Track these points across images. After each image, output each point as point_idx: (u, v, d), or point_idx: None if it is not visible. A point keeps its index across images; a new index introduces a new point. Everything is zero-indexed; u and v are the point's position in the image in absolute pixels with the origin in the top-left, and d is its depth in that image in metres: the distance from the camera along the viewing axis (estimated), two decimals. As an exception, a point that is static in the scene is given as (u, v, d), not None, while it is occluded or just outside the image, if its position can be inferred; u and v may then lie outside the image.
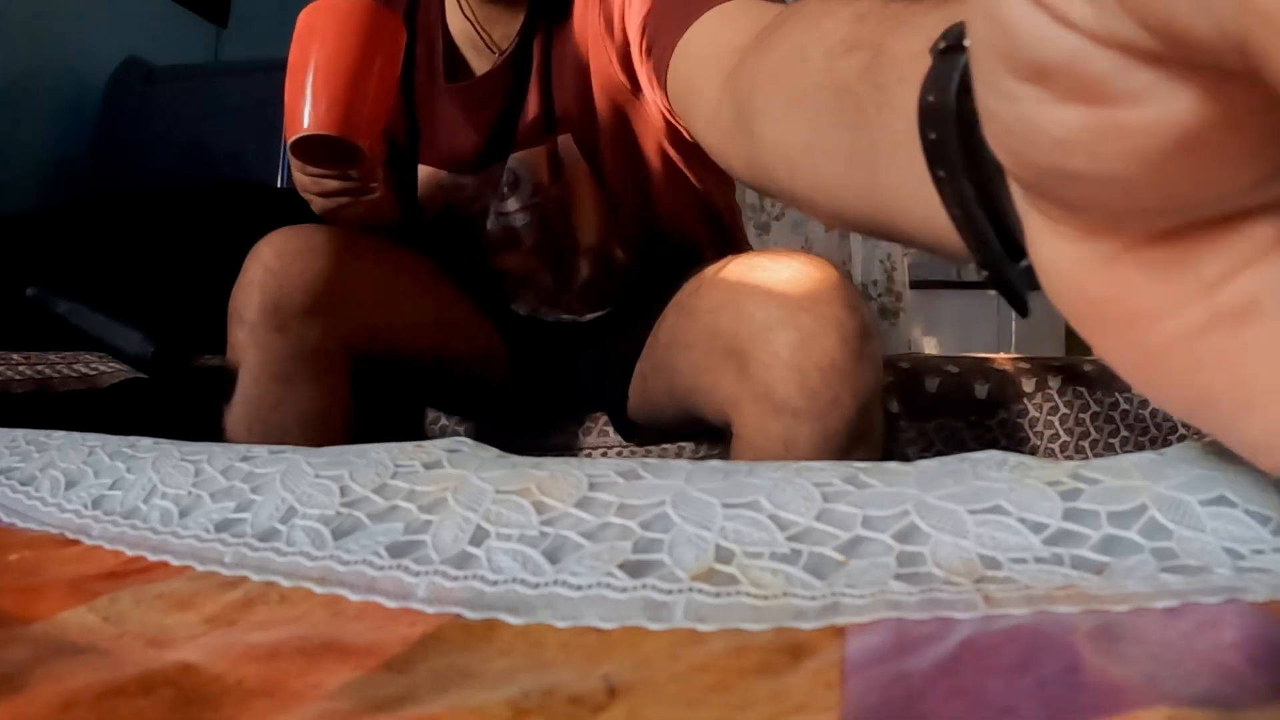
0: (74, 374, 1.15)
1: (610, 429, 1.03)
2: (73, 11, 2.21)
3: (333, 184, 0.81)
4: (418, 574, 0.23)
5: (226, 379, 0.87)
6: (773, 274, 0.72)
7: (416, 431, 1.15)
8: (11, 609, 0.27)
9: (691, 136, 0.65)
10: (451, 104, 0.95)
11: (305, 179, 0.82)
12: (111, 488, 0.36)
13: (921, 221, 0.28)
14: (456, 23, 0.95)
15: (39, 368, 1.13)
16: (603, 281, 0.99)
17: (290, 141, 0.76)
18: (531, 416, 1.08)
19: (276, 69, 2.28)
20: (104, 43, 2.29)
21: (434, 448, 0.30)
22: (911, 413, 1.06)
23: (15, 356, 1.13)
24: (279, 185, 2.05)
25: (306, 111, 0.75)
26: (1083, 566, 0.23)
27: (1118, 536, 0.23)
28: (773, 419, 0.69)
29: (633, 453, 1.01)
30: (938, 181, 0.23)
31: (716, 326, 0.75)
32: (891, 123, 0.29)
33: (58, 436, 0.45)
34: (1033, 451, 1.00)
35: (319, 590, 0.24)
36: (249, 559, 0.27)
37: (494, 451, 0.30)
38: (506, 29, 0.93)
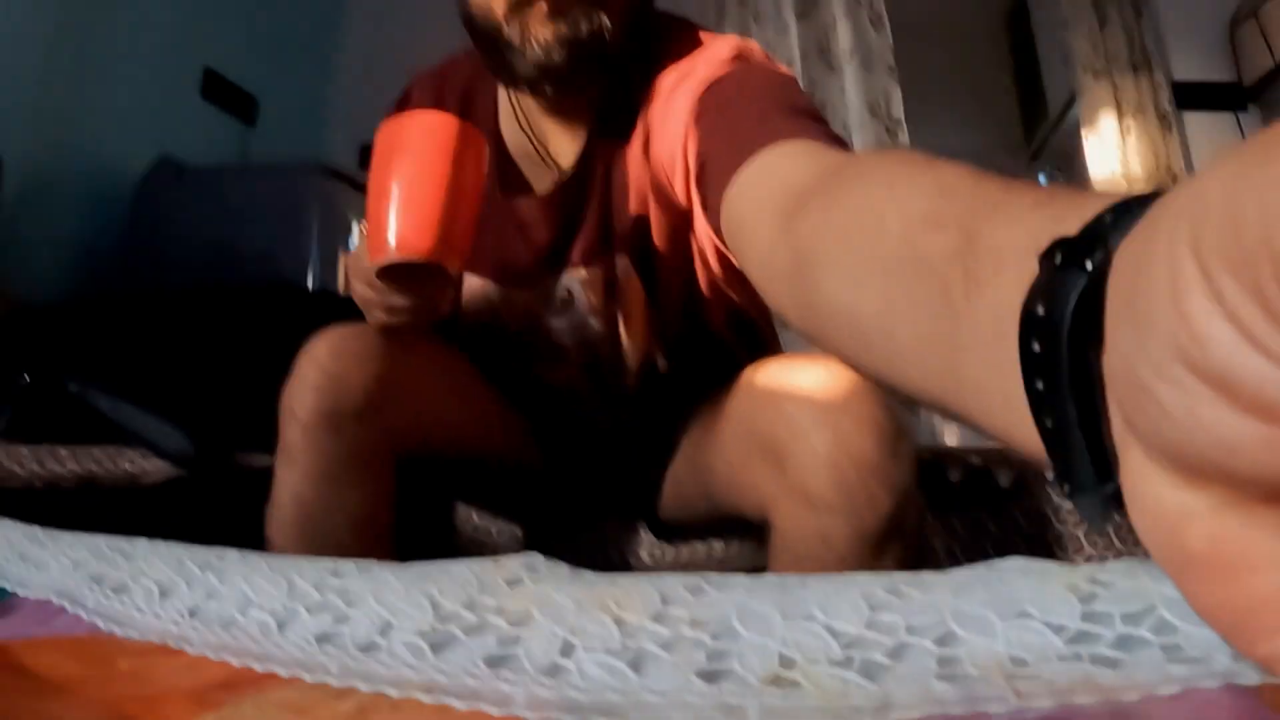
0: (119, 470, 1.19)
1: (642, 528, 1.05)
2: (107, 107, 2.28)
3: (401, 302, 0.81)
4: (515, 684, 0.26)
5: (269, 478, 0.88)
6: (809, 376, 0.74)
7: (448, 528, 1.16)
8: (140, 715, 0.30)
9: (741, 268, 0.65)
10: (505, 217, 0.95)
11: (371, 294, 0.82)
12: (206, 598, 0.39)
13: (1001, 420, 0.27)
14: (511, 133, 0.95)
15: (86, 464, 1.16)
16: (646, 393, 1.00)
17: (377, 266, 0.74)
18: (564, 516, 1.09)
19: (304, 172, 2.32)
20: (136, 138, 2.35)
21: (512, 564, 0.33)
22: (935, 505, 1.07)
23: (62, 451, 1.16)
24: (309, 286, 2.10)
25: (396, 234, 0.72)
26: (1100, 662, 0.26)
27: (1131, 635, 0.26)
28: (810, 515, 0.71)
29: (664, 551, 1.03)
30: (1033, 393, 0.23)
31: (755, 426, 0.78)
32: (980, 313, 0.28)
33: (141, 544, 0.47)
34: (1057, 539, 1.01)
35: (427, 699, 0.27)
36: (354, 670, 0.30)
37: (566, 567, 0.33)
38: (565, 145, 0.93)
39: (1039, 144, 4.60)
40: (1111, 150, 2.61)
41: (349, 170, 2.37)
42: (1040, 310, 0.22)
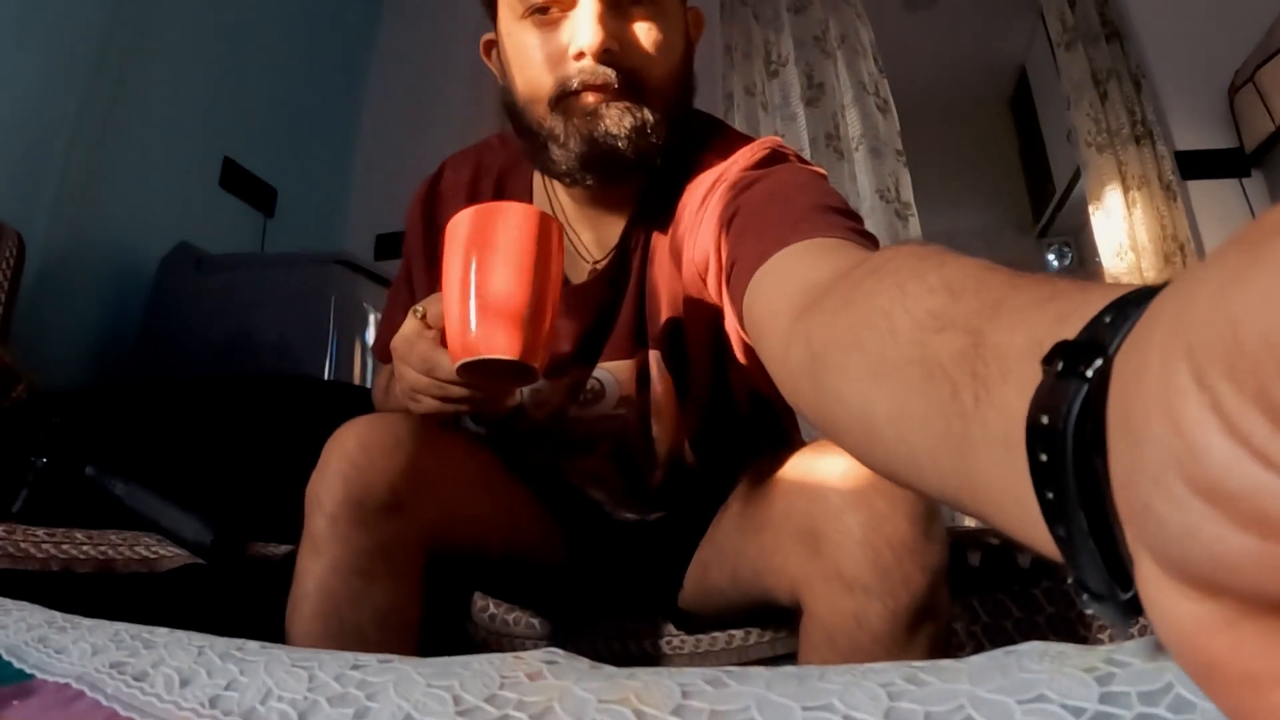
0: (135, 556, 1.18)
1: (661, 619, 1.03)
2: (128, 194, 2.30)
3: (463, 393, 0.77)
4: (538, 778, 0.27)
5: (286, 567, 0.86)
6: (842, 460, 0.74)
7: (465, 619, 1.15)
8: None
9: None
10: None
11: (424, 382, 0.78)
12: (226, 688, 0.39)
13: (1018, 523, 0.26)
14: None
15: (101, 548, 1.15)
16: (672, 484, 0.99)
17: (460, 363, 0.71)
18: (584, 608, 1.07)
19: (322, 263, 2.35)
20: (156, 226, 2.37)
21: (532, 659, 0.33)
22: (955, 588, 1.07)
23: (79, 535, 1.15)
24: (325, 377, 2.09)
25: (483, 332, 0.69)
26: (1119, 744, 0.26)
27: (1149, 714, 0.26)
28: (844, 596, 0.71)
29: (683, 641, 1.02)
30: (1044, 502, 0.23)
31: (790, 510, 0.78)
32: (990, 420, 0.27)
33: (161, 633, 0.48)
34: (1080, 618, 1.00)
35: (449, 795, 0.27)
36: (376, 765, 0.30)
37: (586, 662, 0.34)
38: (599, 234, 0.94)
39: (1046, 221, 4.65)
40: (1118, 223, 2.63)
41: (366, 262, 2.40)
42: (1044, 420, 0.22)
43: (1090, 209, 2.76)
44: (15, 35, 1.96)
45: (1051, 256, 4.80)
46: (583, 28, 0.81)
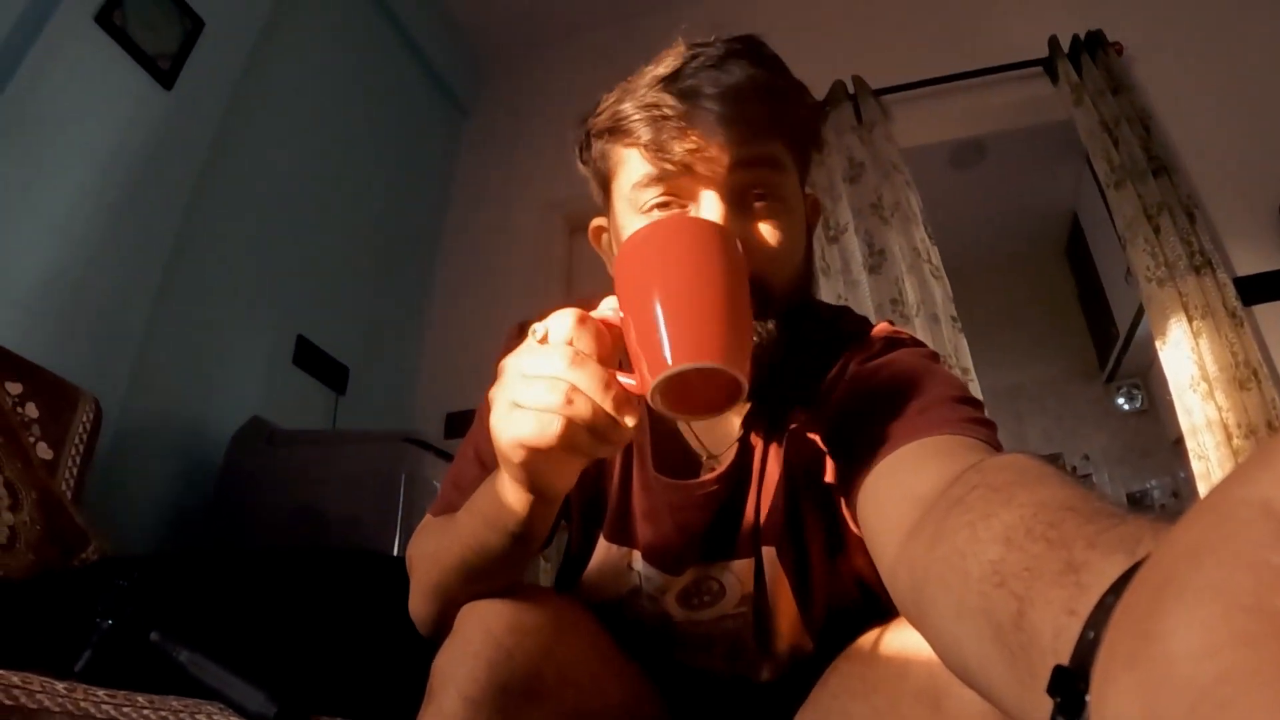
0: (197, 724, 1.16)
1: None
2: (204, 367, 2.41)
3: (604, 419, 0.61)
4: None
5: None
6: None
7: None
8: None
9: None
10: (657, 494, 0.90)
11: (582, 407, 0.60)
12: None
13: None
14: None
15: (162, 713, 1.13)
16: (784, 677, 0.95)
17: (670, 374, 0.59)
18: None
19: (392, 441, 2.37)
20: (230, 399, 2.46)
21: None
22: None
23: (140, 698, 1.14)
24: (394, 553, 2.07)
25: (687, 343, 0.60)
26: None
27: None
28: None
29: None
30: None
31: (906, 670, 0.75)
32: (1036, 698, 0.31)
33: None
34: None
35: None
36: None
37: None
38: (713, 425, 0.91)
39: (1112, 365, 4.60)
40: (1186, 354, 2.56)
41: (436, 441, 2.45)
42: None
43: (1157, 345, 2.70)
44: (101, 210, 2.09)
45: (1122, 400, 4.71)
46: None
